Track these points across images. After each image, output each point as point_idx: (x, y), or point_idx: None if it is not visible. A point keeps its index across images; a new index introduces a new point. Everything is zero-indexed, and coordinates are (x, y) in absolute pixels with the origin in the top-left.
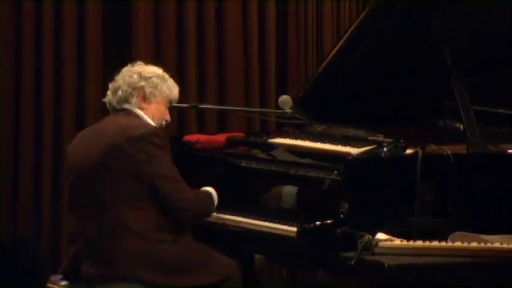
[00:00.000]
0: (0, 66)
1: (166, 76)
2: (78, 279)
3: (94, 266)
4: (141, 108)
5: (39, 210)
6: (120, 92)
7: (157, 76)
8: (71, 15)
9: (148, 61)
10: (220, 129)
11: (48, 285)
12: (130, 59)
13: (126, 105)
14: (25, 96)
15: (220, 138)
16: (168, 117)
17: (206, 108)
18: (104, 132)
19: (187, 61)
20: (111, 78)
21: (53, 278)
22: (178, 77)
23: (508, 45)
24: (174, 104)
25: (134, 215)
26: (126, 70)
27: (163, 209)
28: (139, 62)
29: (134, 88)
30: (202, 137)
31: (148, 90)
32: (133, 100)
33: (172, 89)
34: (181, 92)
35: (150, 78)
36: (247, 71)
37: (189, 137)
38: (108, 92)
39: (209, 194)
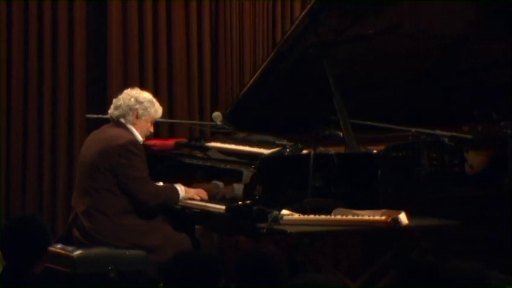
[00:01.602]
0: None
1: (154, 100)
2: (69, 243)
3: (80, 235)
4: (133, 123)
5: (41, 192)
6: (120, 110)
7: (148, 101)
8: (64, 16)
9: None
10: (170, 136)
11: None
12: (106, 60)
13: (122, 120)
14: (31, 91)
15: (170, 142)
16: (151, 129)
17: (161, 121)
18: (100, 138)
19: (146, 74)
20: (95, 78)
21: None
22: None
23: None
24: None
25: (108, 203)
26: (127, 93)
27: (132, 200)
28: (136, 88)
29: (131, 109)
30: (157, 142)
31: (140, 111)
32: (129, 117)
33: (157, 111)
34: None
35: (143, 102)
36: (189, 92)
37: (148, 142)
38: (112, 107)
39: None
